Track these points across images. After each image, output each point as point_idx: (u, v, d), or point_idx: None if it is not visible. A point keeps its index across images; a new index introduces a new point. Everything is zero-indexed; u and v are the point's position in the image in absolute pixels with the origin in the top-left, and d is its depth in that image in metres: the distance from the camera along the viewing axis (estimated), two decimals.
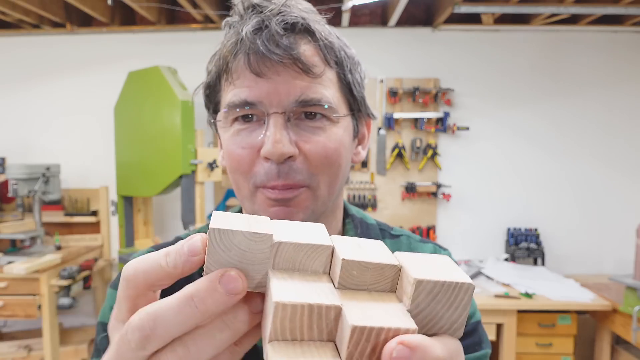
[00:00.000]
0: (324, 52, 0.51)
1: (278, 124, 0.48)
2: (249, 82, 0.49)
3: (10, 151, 3.10)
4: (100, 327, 0.57)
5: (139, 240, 2.85)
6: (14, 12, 2.64)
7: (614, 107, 2.97)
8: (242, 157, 0.51)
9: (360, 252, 0.28)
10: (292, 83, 0.49)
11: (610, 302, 2.33)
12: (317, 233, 0.29)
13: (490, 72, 3.00)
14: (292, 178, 0.49)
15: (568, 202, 3.01)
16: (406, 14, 2.96)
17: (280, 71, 0.48)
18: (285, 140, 0.48)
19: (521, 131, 3.00)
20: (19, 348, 2.61)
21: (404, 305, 0.26)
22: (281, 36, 0.48)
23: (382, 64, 3.02)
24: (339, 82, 0.53)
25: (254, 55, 0.48)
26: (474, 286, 0.26)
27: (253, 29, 0.48)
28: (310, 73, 0.49)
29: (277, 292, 0.25)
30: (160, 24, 2.98)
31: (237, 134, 0.51)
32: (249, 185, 0.52)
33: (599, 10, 2.54)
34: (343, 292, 0.26)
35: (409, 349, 0.23)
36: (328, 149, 0.51)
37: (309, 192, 0.51)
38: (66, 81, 3.09)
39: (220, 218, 0.27)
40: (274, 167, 0.49)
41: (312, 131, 0.50)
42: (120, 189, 2.73)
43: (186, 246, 0.27)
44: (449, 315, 0.26)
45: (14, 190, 2.54)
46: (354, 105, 0.56)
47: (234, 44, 0.49)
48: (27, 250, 2.68)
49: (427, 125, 2.97)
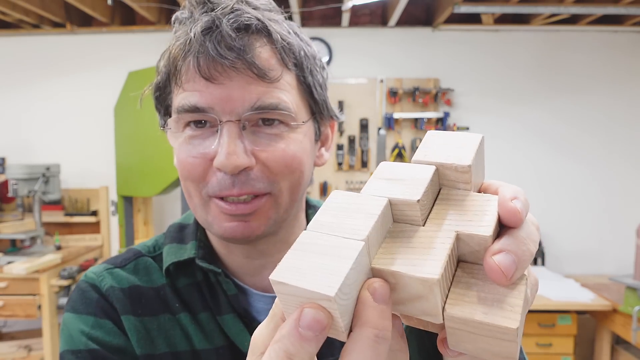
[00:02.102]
0: (282, 54, 0.47)
1: (232, 134, 0.45)
2: (199, 86, 0.45)
3: (10, 151, 3.10)
4: (72, 356, 0.49)
5: (139, 240, 2.85)
6: (14, 12, 2.64)
7: (614, 107, 2.97)
8: (193, 166, 0.47)
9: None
10: (246, 89, 0.45)
11: (610, 302, 2.33)
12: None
13: (490, 72, 3.00)
14: (250, 187, 0.46)
15: (568, 202, 3.01)
16: (406, 14, 2.96)
17: (233, 76, 0.45)
18: (240, 151, 0.45)
19: (521, 131, 3.00)
20: (19, 348, 2.61)
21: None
22: (233, 38, 0.44)
23: (382, 64, 3.02)
24: (299, 85, 0.50)
25: (203, 59, 0.44)
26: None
27: (202, 29, 0.44)
28: (266, 78, 0.45)
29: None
30: (160, 24, 2.98)
31: (189, 141, 0.48)
32: (201, 195, 0.49)
33: (599, 10, 2.54)
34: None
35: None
36: (287, 156, 0.47)
37: (270, 199, 0.48)
38: (66, 81, 3.09)
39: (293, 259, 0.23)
40: (228, 178, 0.46)
41: (269, 138, 0.47)
42: (120, 189, 2.73)
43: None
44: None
45: (14, 190, 2.54)
46: (315, 108, 0.53)
47: (183, 44, 0.45)
48: (27, 250, 2.68)
49: (427, 125, 2.97)
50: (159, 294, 0.54)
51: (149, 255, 0.57)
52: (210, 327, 0.52)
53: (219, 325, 0.52)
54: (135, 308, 0.52)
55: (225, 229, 0.48)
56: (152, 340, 0.51)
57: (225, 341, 0.52)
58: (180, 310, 0.53)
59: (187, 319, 0.52)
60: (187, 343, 0.51)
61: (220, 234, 0.49)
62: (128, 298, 0.52)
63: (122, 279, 0.54)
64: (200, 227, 0.58)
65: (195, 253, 0.54)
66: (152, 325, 0.52)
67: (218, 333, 0.52)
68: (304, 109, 0.51)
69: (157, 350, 0.51)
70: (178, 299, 0.53)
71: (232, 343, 0.52)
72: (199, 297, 0.54)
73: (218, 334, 0.52)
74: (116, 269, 0.55)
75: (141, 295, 0.53)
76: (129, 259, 0.57)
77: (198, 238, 0.56)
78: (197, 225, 0.58)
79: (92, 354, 0.49)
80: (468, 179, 0.28)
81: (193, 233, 0.57)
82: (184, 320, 0.52)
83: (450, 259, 0.25)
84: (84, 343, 0.49)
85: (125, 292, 0.53)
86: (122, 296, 0.52)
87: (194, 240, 0.56)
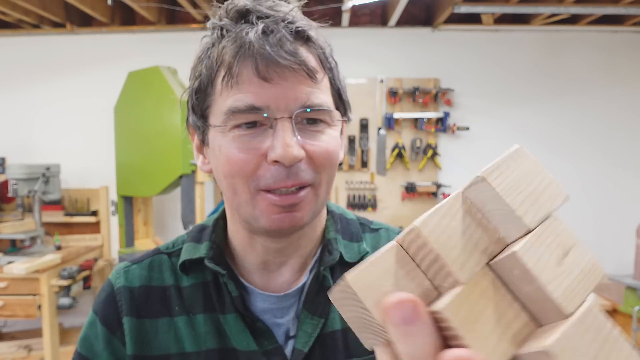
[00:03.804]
0: (322, 59, 0.54)
1: (287, 128, 0.50)
2: (255, 87, 0.49)
3: (10, 151, 3.10)
4: (75, 355, 0.58)
5: (139, 240, 2.85)
6: (14, 12, 2.64)
7: (614, 108, 2.97)
8: (244, 160, 0.51)
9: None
10: (298, 88, 0.50)
11: (610, 302, 2.33)
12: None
13: (490, 72, 3.00)
14: (300, 178, 0.51)
15: (568, 202, 3.00)
16: (406, 14, 2.96)
17: (287, 76, 0.50)
18: (295, 144, 0.49)
19: (521, 131, 3.00)
20: (19, 348, 2.61)
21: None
22: (291, 42, 0.50)
23: (382, 64, 3.02)
24: (332, 88, 0.56)
25: (261, 60, 0.49)
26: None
27: (261, 33, 0.49)
28: (314, 79, 0.51)
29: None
30: (160, 24, 2.98)
31: (238, 138, 0.51)
32: (250, 189, 0.52)
33: (599, 10, 2.54)
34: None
35: None
36: (330, 150, 0.53)
37: (312, 191, 0.53)
38: (66, 81, 3.09)
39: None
40: (282, 170, 0.50)
41: (314, 134, 0.52)
42: (120, 189, 2.73)
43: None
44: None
45: (14, 190, 2.54)
46: (341, 109, 0.58)
47: (238, 48, 0.49)
48: (27, 250, 2.68)
49: (427, 125, 2.97)
50: (165, 293, 0.59)
51: (166, 252, 0.63)
52: (205, 329, 0.56)
53: (216, 327, 0.57)
54: (139, 310, 0.58)
55: (273, 220, 0.52)
56: (148, 342, 0.56)
57: (217, 344, 0.56)
58: (178, 313, 0.58)
59: (184, 321, 0.57)
60: (178, 346, 0.56)
61: (268, 226, 0.52)
62: (135, 299, 0.59)
63: (135, 277, 0.60)
64: (215, 229, 0.62)
65: (206, 253, 0.59)
66: (151, 328, 0.57)
67: (212, 335, 0.56)
68: (337, 109, 0.57)
69: (151, 352, 0.56)
70: (180, 301, 0.58)
71: (223, 347, 0.56)
72: (203, 297, 0.58)
73: (212, 337, 0.56)
74: (133, 265, 0.62)
75: (148, 297, 0.59)
76: (148, 255, 0.63)
77: (212, 239, 0.61)
78: (214, 227, 0.63)
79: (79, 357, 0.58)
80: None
81: (209, 234, 0.62)
82: (179, 323, 0.57)
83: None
84: (81, 340, 0.58)
85: (134, 292, 0.59)
86: (129, 297, 0.58)
87: (208, 241, 0.61)
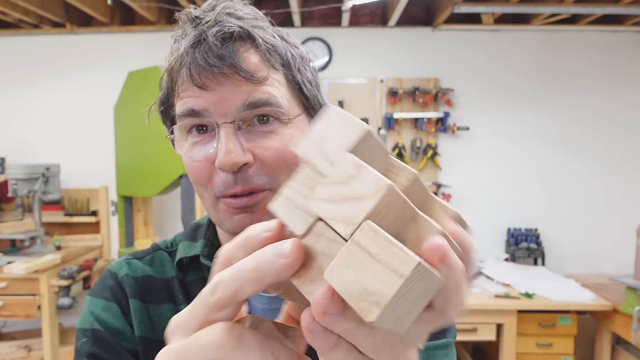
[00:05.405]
0: (267, 56, 0.52)
1: (228, 134, 0.49)
2: (194, 93, 0.50)
3: (10, 151, 3.10)
4: (81, 334, 0.59)
5: (138, 240, 2.85)
6: (14, 12, 2.64)
7: (614, 108, 2.97)
8: (198, 169, 0.52)
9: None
10: (236, 91, 0.49)
11: (610, 302, 2.33)
12: None
13: (490, 72, 3.00)
14: (250, 183, 0.50)
15: (568, 202, 3.01)
16: (406, 14, 2.96)
17: (222, 81, 0.49)
18: (237, 149, 0.49)
19: (521, 131, 3.00)
20: (19, 348, 2.61)
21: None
22: (219, 47, 0.49)
23: (382, 64, 3.02)
24: (288, 83, 0.54)
25: (194, 69, 0.49)
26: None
27: (191, 43, 0.49)
28: (253, 79, 0.50)
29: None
30: (160, 24, 2.98)
31: (192, 147, 0.52)
32: (210, 196, 0.53)
33: (599, 10, 2.54)
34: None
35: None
36: (283, 151, 0.51)
37: (271, 194, 0.52)
38: (66, 81, 3.09)
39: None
40: (230, 176, 0.50)
41: (264, 135, 0.51)
42: (120, 189, 2.73)
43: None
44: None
45: (14, 190, 2.54)
46: (307, 103, 0.57)
47: (177, 58, 0.51)
48: (27, 250, 2.68)
49: (427, 125, 2.97)
50: (168, 285, 0.61)
51: (166, 250, 0.65)
52: None
53: None
54: (143, 295, 0.60)
55: (235, 222, 0.52)
56: (152, 325, 0.58)
57: None
58: (182, 302, 0.59)
59: None
60: None
61: (232, 229, 0.53)
62: (139, 285, 0.60)
63: (138, 268, 0.62)
64: (210, 227, 0.64)
65: (202, 251, 0.60)
66: (155, 313, 0.59)
67: None
68: (296, 104, 0.55)
69: (155, 336, 0.58)
70: (183, 291, 0.60)
71: None
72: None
73: None
74: (134, 259, 0.63)
75: (151, 285, 0.61)
76: (148, 252, 0.65)
77: (207, 237, 0.62)
78: (208, 225, 0.64)
79: (95, 334, 0.57)
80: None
81: (204, 232, 0.63)
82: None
83: None
84: (90, 323, 0.58)
85: (138, 280, 0.61)
86: (133, 283, 0.60)
87: (203, 239, 0.62)
